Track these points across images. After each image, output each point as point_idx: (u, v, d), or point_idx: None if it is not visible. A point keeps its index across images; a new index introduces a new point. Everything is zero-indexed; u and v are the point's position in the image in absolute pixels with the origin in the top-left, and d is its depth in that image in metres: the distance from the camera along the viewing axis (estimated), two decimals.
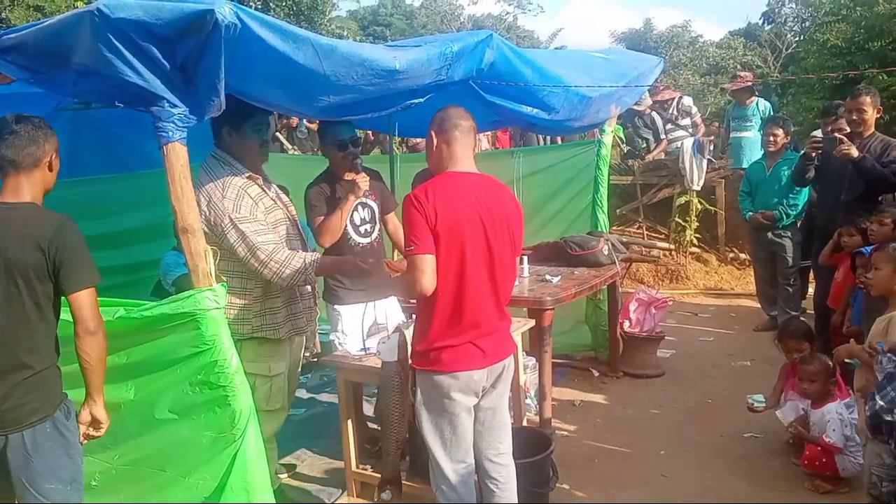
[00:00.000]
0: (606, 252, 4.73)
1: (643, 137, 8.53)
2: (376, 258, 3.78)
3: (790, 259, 5.78)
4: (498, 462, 2.77)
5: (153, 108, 2.26)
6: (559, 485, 3.44)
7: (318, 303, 3.57)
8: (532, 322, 3.93)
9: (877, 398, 2.42)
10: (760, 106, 7.74)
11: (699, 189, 7.78)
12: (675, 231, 8.13)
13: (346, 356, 3.51)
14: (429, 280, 2.44)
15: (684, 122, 8.32)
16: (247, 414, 2.45)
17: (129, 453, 2.66)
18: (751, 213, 5.95)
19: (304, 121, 8.26)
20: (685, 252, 8.08)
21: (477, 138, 2.78)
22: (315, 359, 5.50)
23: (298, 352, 3.54)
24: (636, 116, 8.46)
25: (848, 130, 4.78)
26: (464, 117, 2.61)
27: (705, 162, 7.65)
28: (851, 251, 4.18)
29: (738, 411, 4.13)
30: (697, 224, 8.00)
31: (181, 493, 2.52)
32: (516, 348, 3.12)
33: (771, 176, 5.84)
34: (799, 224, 5.83)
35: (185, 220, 2.38)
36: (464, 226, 2.48)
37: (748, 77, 8.07)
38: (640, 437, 4.16)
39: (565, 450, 3.88)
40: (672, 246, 8.18)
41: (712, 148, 8.01)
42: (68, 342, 2.33)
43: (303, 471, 3.89)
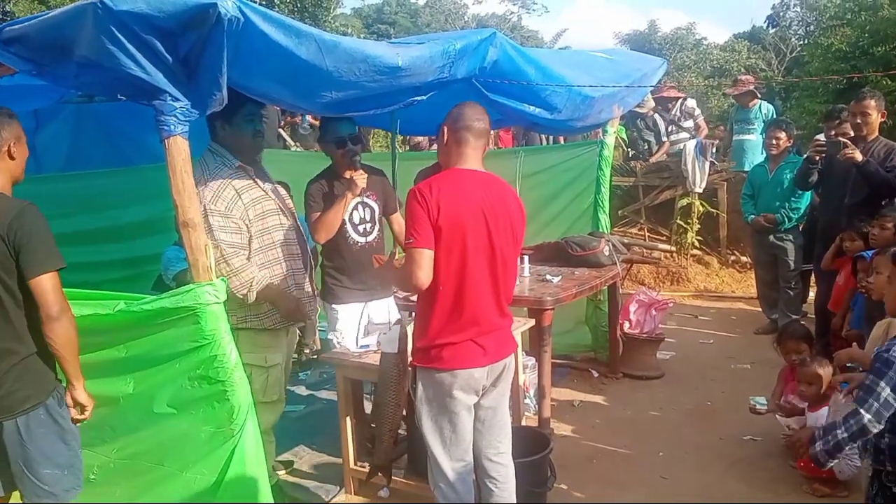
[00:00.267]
0: (607, 253, 4.72)
1: (645, 139, 8.52)
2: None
3: (792, 262, 5.77)
4: (497, 461, 2.76)
5: (155, 102, 2.26)
6: (557, 485, 3.43)
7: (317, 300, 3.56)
8: (532, 322, 3.93)
9: (861, 412, 2.30)
10: (763, 109, 7.74)
11: (701, 191, 7.78)
12: (677, 233, 8.12)
13: (346, 353, 3.51)
14: (425, 274, 2.44)
15: (687, 124, 8.31)
16: (245, 409, 2.45)
17: (128, 447, 2.67)
18: (753, 216, 5.94)
19: (308, 117, 8.26)
20: (686, 254, 8.07)
21: (489, 137, 2.77)
22: (315, 356, 5.51)
23: (292, 344, 3.54)
24: (638, 118, 8.45)
25: (852, 134, 4.78)
26: (478, 120, 2.60)
27: (707, 164, 7.66)
28: (853, 255, 4.17)
29: (738, 414, 4.12)
30: (699, 226, 7.98)
31: (179, 488, 2.52)
32: (517, 347, 3.12)
33: (773, 179, 5.83)
34: (801, 227, 5.82)
35: (186, 215, 2.38)
36: (466, 222, 2.48)
37: (749, 80, 8.06)
38: (640, 439, 4.16)
39: (564, 450, 3.88)
40: (673, 248, 8.18)
41: (715, 150, 7.99)
42: None
43: (301, 467, 3.89)
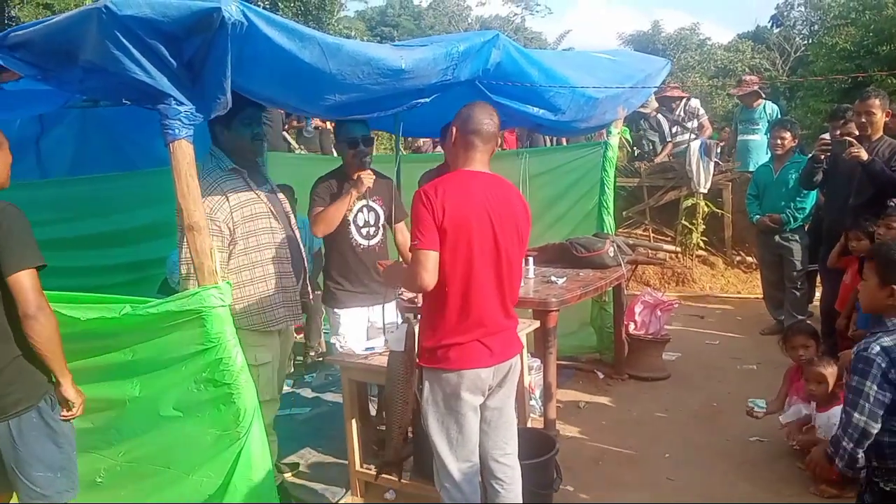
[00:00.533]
0: (612, 254, 4.72)
1: (649, 140, 8.52)
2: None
3: (797, 263, 5.76)
4: (504, 462, 2.76)
5: (160, 106, 2.27)
6: (563, 486, 3.42)
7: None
8: (537, 323, 3.93)
9: (855, 415, 2.26)
10: (768, 109, 7.72)
11: (706, 192, 7.77)
12: (682, 234, 8.10)
13: (351, 355, 3.51)
14: (430, 276, 2.45)
15: (691, 125, 8.30)
16: (251, 412, 2.46)
17: (134, 450, 2.68)
18: (758, 217, 5.93)
19: (312, 120, 8.26)
20: (691, 255, 8.05)
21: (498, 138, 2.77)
22: (320, 358, 5.52)
23: (287, 345, 3.55)
24: (642, 119, 8.45)
25: (856, 134, 4.76)
26: (488, 123, 2.59)
27: (712, 164, 7.64)
28: (859, 255, 4.16)
29: (744, 415, 4.10)
30: (704, 227, 7.96)
31: (185, 491, 2.53)
32: (523, 348, 3.12)
33: (778, 179, 5.82)
34: (806, 227, 5.81)
35: (191, 218, 2.39)
36: (472, 224, 2.48)
37: (754, 81, 8.04)
38: (645, 440, 4.15)
39: (569, 452, 3.87)
40: (678, 249, 8.16)
41: (719, 151, 7.98)
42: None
43: (307, 469, 3.89)
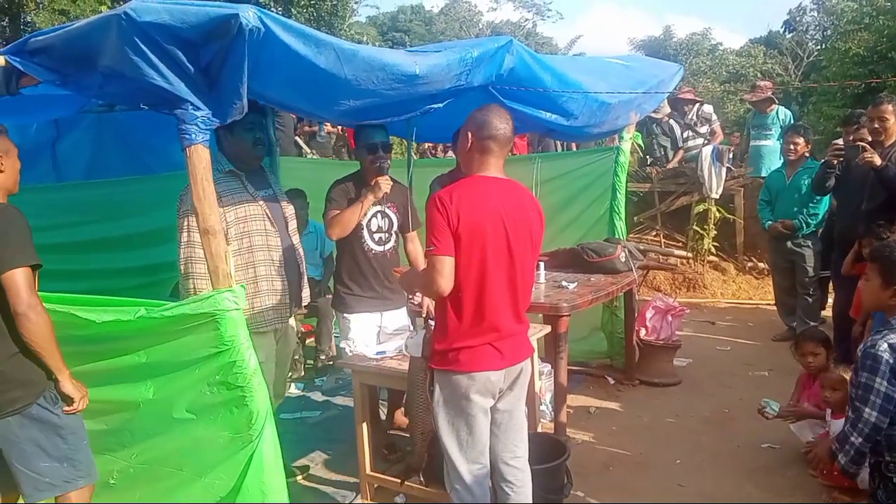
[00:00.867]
0: (623, 259, 4.72)
1: (661, 145, 8.50)
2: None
3: (810, 269, 5.73)
4: (514, 465, 2.76)
5: (177, 111, 2.29)
6: (573, 492, 3.42)
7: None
8: (548, 328, 3.93)
9: (866, 411, 2.24)
10: (781, 114, 7.69)
11: (718, 197, 7.75)
12: (693, 239, 8.09)
13: (363, 359, 3.52)
14: (446, 281, 2.46)
15: (703, 130, 8.28)
16: (264, 415, 2.47)
17: (147, 452, 2.69)
18: (770, 222, 5.92)
19: (325, 125, 8.30)
20: (703, 260, 8.03)
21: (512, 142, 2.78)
22: (330, 362, 5.54)
23: (287, 347, 3.58)
24: (654, 124, 8.43)
25: (870, 139, 4.74)
26: (504, 127, 2.58)
27: (724, 170, 7.62)
28: None
29: (756, 421, 4.09)
30: (716, 232, 7.95)
31: (198, 493, 2.54)
32: (533, 352, 3.12)
33: (791, 185, 5.80)
34: (819, 233, 5.78)
35: (207, 222, 2.41)
36: (486, 229, 2.49)
37: (768, 86, 8.01)
38: (656, 446, 4.14)
39: (580, 457, 3.86)
40: (690, 254, 8.14)
41: (731, 156, 7.95)
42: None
43: (317, 472, 3.90)
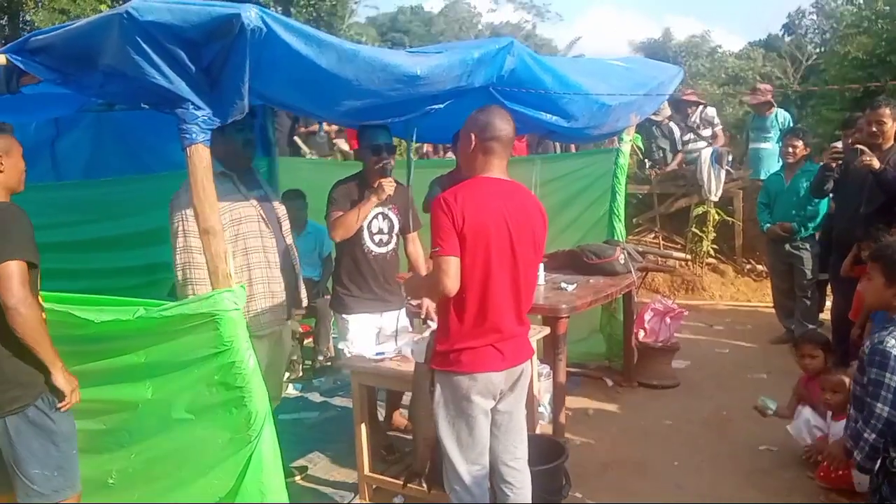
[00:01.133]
0: (623, 261, 4.72)
1: (660, 147, 8.50)
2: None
3: (808, 271, 5.73)
4: (513, 467, 2.76)
5: (178, 110, 2.29)
6: (572, 493, 3.43)
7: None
8: (547, 330, 3.93)
9: (879, 406, 2.25)
10: (780, 117, 7.69)
11: (717, 199, 7.76)
12: (692, 241, 8.09)
13: (362, 360, 3.52)
14: (452, 282, 2.46)
15: (705, 133, 8.27)
16: (263, 415, 2.46)
17: (146, 452, 2.69)
18: (769, 225, 5.92)
19: (324, 125, 8.29)
20: (702, 263, 8.04)
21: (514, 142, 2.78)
22: (328, 363, 5.53)
23: (283, 350, 3.58)
24: (654, 126, 8.42)
25: (868, 142, 4.75)
26: (505, 129, 2.59)
27: (723, 172, 7.63)
28: None
29: (754, 423, 4.10)
30: (714, 235, 7.95)
31: (196, 494, 2.54)
32: (534, 353, 3.12)
33: (789, 187, 5.80)
34: (817, 236, 5.78)
35: (207, 222, 2.41)
36: (490, 231, 2.50)
37: (768, 89, 8.01)
38: (654, 448, 4.14)
39: (578, 458, 3.86)
40: (688, 256, 8.15)
41: (731, 158, 7.95)
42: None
43: (315, 473, 3.90)
